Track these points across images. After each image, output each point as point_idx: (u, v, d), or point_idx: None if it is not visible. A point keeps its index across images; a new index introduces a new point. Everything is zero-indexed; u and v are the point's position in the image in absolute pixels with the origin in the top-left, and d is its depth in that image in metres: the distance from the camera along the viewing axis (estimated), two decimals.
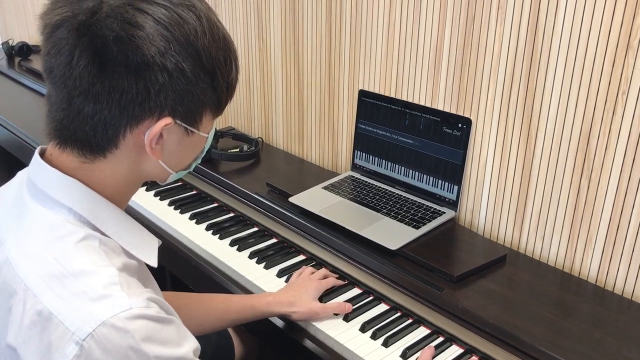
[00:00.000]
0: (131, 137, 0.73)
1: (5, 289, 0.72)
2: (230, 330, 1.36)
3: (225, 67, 0.76)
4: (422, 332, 1.15)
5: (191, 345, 0.74)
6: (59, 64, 0.70)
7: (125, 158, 0.75)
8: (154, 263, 0.82)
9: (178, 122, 0.74)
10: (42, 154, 0.78)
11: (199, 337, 1.30)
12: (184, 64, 0.70)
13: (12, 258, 0.73)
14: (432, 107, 1.42)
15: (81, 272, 0.69)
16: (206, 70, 0.73)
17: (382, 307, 1.21)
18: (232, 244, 1.41)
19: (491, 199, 1.36)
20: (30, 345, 0.67)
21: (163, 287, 0.94)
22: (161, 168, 0.79)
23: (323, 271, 1.27)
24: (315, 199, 1.46)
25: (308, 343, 1.15)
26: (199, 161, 0.86)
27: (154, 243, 0.83)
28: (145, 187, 1.68)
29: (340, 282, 1.27)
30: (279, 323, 1.21)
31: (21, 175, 0.82)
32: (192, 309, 1.11)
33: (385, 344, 1.10)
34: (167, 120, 0.72)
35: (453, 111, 1.38)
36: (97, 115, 0.71)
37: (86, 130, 0.72)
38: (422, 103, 1.44)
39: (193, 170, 1.68)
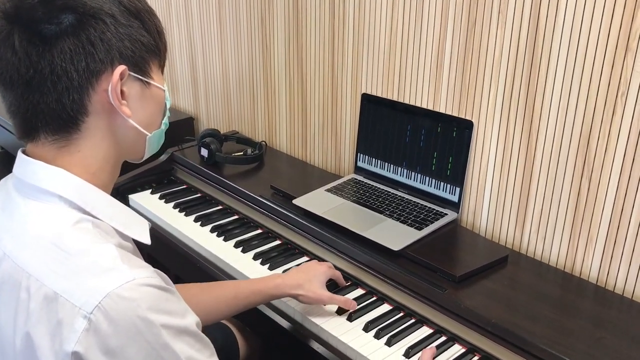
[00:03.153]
0: (97, 98, 0.76)
1: (7, 282, 0.73)
2: (234, 330, 1.37)
3: (147, 12, 0.80)
4: (425, 331, 1.16)
5: (193, 317, 0.75)
6: (5, 58, 0.73)
7: (99, 127, 0.78)
8: (147, 240, 0.83)
9: (132, 73, 0.78)
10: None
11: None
12: (112, 9, 0.75)
13: (9, 252, 0.74)
14: (434, 110, 1.43)
15: (80, 251, 0.71)
16: (133, 14, 0.78)
17: (385, 307, 1.22)
18: (236, 245, 1.43)
19: (493, 201, 1.38)
20: (40, 327, 0.69)
21: None
22: (136, 131, 0.81)
23: (329, 263, 1.29)
24: (318, 201, 1.47)
25: (312, 342, 1.16)
26: (167, 122, 0.88)
27: (144, 222, 0.85)
28: (150, 190, 1.70)
29: (343, 281, 1.28)
30: (284, 323, 1.22)
31: (4, 181, 0.83)
32: (201, 299, 1.12)
33: (389, 343, 1.12)
34: (121, 67, 0.76)
35: (455, 114, 1.40)
36: (58, 85, 0.73)
37: (53, 106, 0.74)
38: (424, 106, 1.45)
39: (197, 174, 1.72)
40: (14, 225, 0.76)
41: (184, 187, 1.74)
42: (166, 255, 1.55)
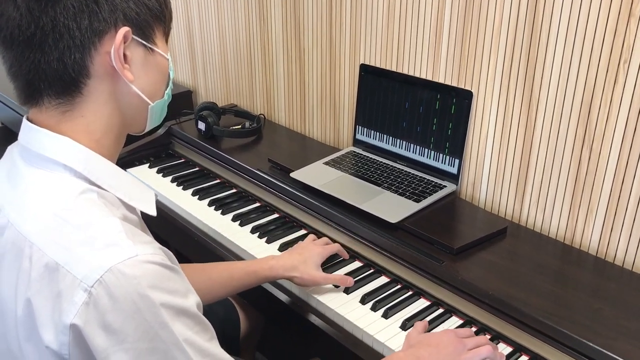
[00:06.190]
0: (99, 60, 0.74)
1: (11, 250, 0.73)
2: (236, 306, 1.37)
3: None
4: (422, 303, 1.15)
5: (195, 298, 0.75)
6: (6, 14, 0.71)
7: (102, 91, 0.76)
8: (153, 211, 0.82)
9: (135, 37, 0.76)
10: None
11: (205, 313, 1.31)
12: None
13: (13, 220, 0.74)
14: (433, 80, 1.41)
15: (84, 224, 0.70)
16: None
17: (383, 280, 1.22)
18: (234, 219, 1.42)
19: (492, 172, 1.36)
20: (40, 297, 0.69)
21: None
22: (138, 99, 0.80)
23: (325, 239, 1.28)
24: (316, 174, 1.46)
25: (310, 316, 1.16)
26: (170, 93, 0.87)
27: (150, 193, 0.84)
28: (148, 165, 1.69)
29: (345, 252, 1.27)
30: (283, 297, 1.22)
31: (10, 149, 0.82)
32: (195, 279, 1.11)
33: (385, 315, 1.11)
34: (125, 29, 0.74)
35: (454, 84, 1.37)
36: (60, 43, 0.72)
37: (54, 66, 0.73)
38: (423, 76, 1.43)
39: (195, 147, 1.71)
40: (18, 194, 0.76)
41: (182, 161, 1.73)
42: (165, 229, 1.54)
